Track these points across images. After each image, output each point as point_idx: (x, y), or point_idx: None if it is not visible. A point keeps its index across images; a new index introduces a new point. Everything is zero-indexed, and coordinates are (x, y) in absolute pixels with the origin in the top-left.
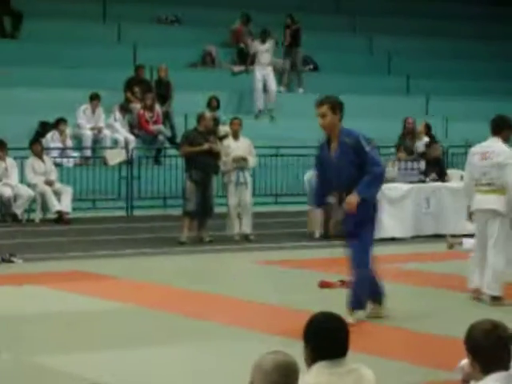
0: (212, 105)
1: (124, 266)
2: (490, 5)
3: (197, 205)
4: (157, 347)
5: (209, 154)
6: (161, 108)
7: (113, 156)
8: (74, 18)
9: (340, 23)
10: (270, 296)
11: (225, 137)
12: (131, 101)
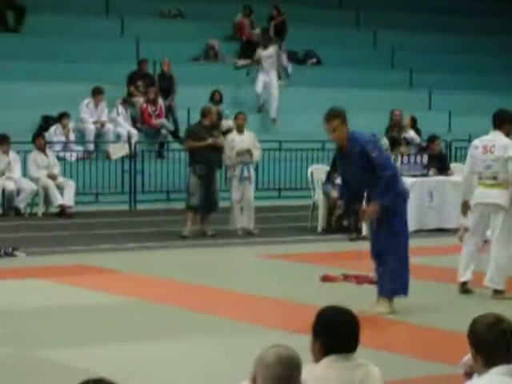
0: (215, 99)
1: (127, 260)
2: None
3: (200, 199)
4: (159, 341)
5: (213, 149)
6: (164, 102)
7: (116, 150)
8: (77, 12)
9: (343, 17)
10: (273, 290)
11: (228, 131)
12: (134, 95)
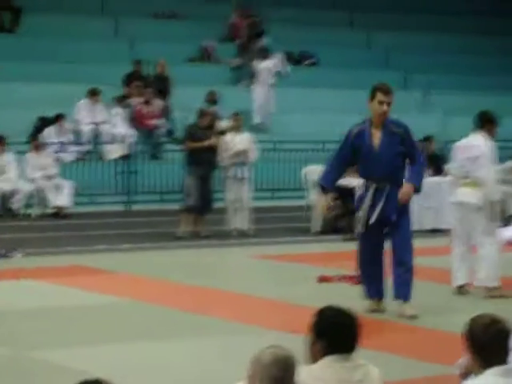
0: (211, 100)
1: (122, 261)
2: None
3: (197, 200)
4: (155, 341)
5: (209, 150)
6: (159, 103)
7: (111, 151)
8: (72, 13)
9: (337, 18)
10: (268, 290)
11: (224, 132)
12: (130, 96)
